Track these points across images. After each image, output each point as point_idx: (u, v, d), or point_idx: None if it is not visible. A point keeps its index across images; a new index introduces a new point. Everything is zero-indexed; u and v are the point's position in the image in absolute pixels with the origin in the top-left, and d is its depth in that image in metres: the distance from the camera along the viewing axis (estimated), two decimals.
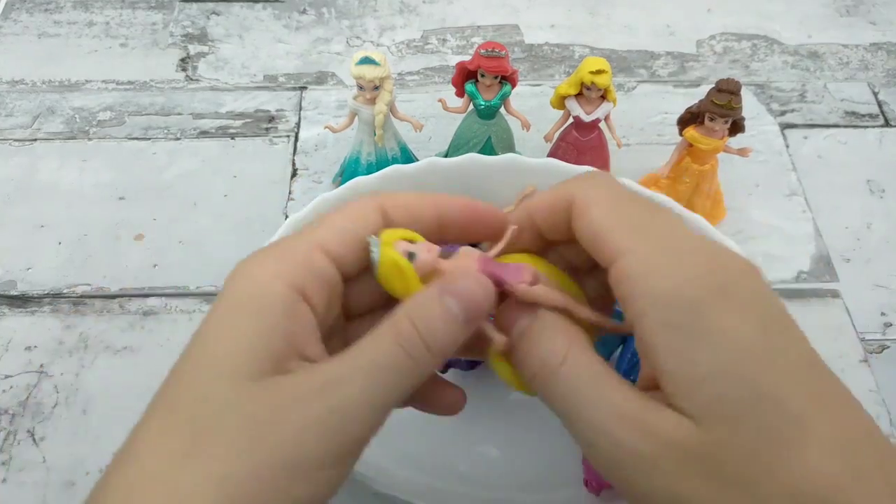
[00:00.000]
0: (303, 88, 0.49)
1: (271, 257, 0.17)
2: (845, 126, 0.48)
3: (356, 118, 0.39)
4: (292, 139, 0.46)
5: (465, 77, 0.38)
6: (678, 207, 0.35)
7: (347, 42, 0.52)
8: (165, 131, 0.46)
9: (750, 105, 0.47)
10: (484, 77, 0.37)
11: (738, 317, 0.16)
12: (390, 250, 0.18)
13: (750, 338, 0.16)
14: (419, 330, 0.16)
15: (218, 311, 0.17)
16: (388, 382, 0.16)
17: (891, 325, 0.39)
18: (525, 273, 0.19)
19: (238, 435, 0.15)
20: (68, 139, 0.46)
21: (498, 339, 0.18)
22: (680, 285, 0.16)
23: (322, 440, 0.15)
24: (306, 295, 0.17)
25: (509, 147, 0.41)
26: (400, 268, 0.18)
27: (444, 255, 0.19)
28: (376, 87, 0.37)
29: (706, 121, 0.37)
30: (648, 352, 0.16)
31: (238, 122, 0.47)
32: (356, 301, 0.20)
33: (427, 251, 0.18)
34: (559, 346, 0.17)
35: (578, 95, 0.38)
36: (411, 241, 0.19)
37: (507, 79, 0.38)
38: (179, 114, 0.47)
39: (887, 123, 0.48)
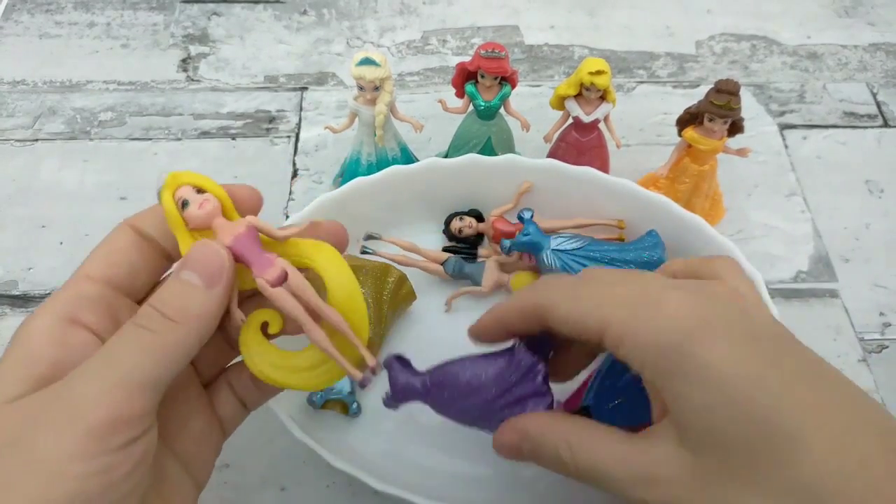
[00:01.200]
0: (303, 89, 0.49)
1: (46, 302, 0.19)
2: (844, 126, 0.48)
3: (356, 119, 0.40)
4: (293, 140, 0.46)
5: (465, 78, 0.38)
6: (677, 208, 0.35)
7: (348, 43, 0.52)
8: (166, 132, 0.47)
9: (749, 106, 0.47)
10: (484, 78, 0.37)
11: (724, 347, 0.17)
12: (167, 194, 0.19)
13: (737, 365, 0.17)
14: (153, 303, 0.18)
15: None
16: (129, 363, 0.17)
17: (889, 324, 0.39)
18: (270, 269, 0.19)
19: None
20: (69, 139, 0.46)
21: (236, 316, 0.19)
22: (663, 330, 0.18)
23: (67, 435, 0.16)
24: (79, 319, 0.18)
25: (509, 147, 0.41)
26: (169, 214, 0.19)
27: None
28: (376, 88, 0.37)
29: (705, 121, 0.37)
30: (656, 396, 0.19)
31: (239, 123, 0.47)
32: None
33: (202, 205, 0.19)
34: (563, 453, 0.20)
35: (578, 96, 0.38)
36: (199, 190, 0.19)
37: (507, 79, 0.38)
38: (180, 114, 0.48)
39: (886, 124, 0.48)
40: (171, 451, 0.20)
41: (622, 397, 0.25)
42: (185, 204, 0.19)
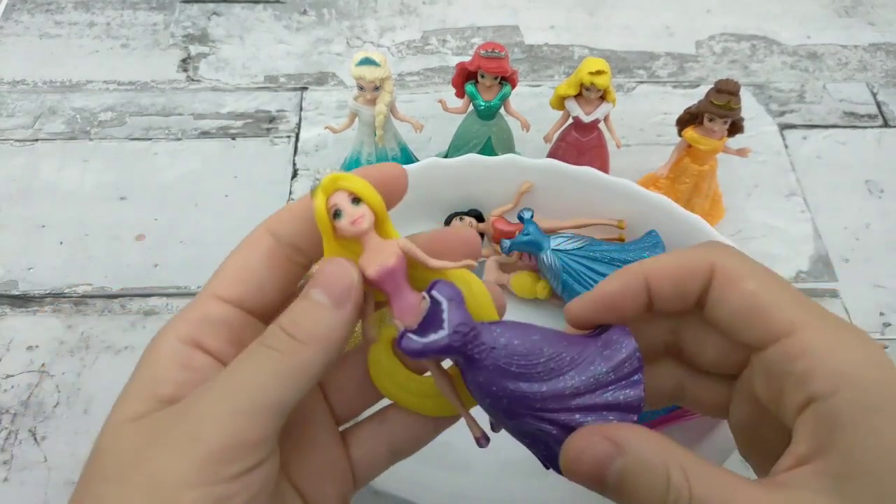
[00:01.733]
0: (303, 89, 0.49)
1: (174, 320, 0.18)
2: (844, 126, 0.48)
3: (356, 119, 0.40)
4: (293, 139, 0.46)
5: (465, 78, 0.38)
6: (677, 208, 0.35)
7: (348, 43, 0.52)
8: (166, 132, 0.47)
9: (749, 105, 0.47)
10: (484, 78, 0.37)
11: None
12: (321, 199, 0.18)
13: None
14: (280, 323, 0.17)
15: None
16: (252, 384, 0.16)
17: (889, 324, 0.39)
18: (412, 315, 0.17)
19: (111, 472, 0.15)
20: (69, 139, 0.46)
21: (370, 333, 0.19)
22: (868, 364, 0.16)
23: (186, 458, 0.15)
24: (201, 344, 0.18)
25: (509, 147, 0.41)
26: (320, 219, 0.18)
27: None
28: (376, 88, 0.37)
29: (705, 121, 0.37)
30: (833, 429, 0.15)
31: (239, 123, 0.47)
32: None
33: (356, 222, 0.17)
34: (675, 480, 0.16)
35: (578, 96, 0.38)
36: (356, 199, 0.18)
37: (507, 79, 0.38)
38: (180, 114, 0.47)
39: (886, 124, 0.48)
40: (291, 483, 0.19)
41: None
42: (337, 214, 0.17)
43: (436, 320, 0.17)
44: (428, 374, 0.20)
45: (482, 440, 0.19)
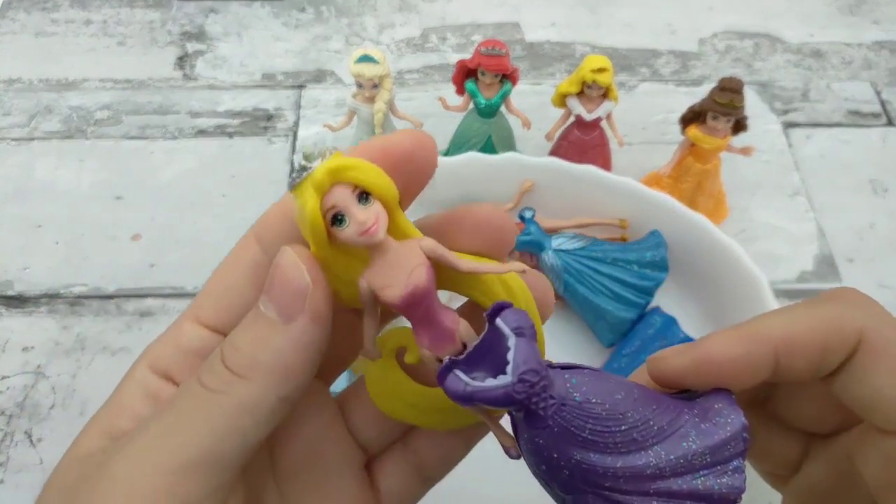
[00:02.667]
0: (301, 87, 0.49)
1: (153, 344, 0.16)
2: (848, 125, 0.47)
3: (355, 117, 0.39)
4: (291, 138, 0.46)
5: (466, 75, 0.38)
6: (681, 207, 0.34)
7: (346, 40, 0.52)
8: (163, 130, 0.46)
9: (752, 104, 0.47)
10: (484, 75, 0.37)
11: None
12: (314, 198, 0.13)
13: None
14: (222, 352, 0.14)
15: None
16: (178, 437, 0.13)
17: None
18: (449, 345, 0.13)
19: None
20: (65, 138, 0.46)
21: (371, 352, 0.14)
22: None
23: None
24: (173, 375, 0.15)
25: (510, 146, 0.41)
26: (311, 227, 0.13)
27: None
28: (375, 86, 0.37)
29: (709, 120, 0.37)
30: None
31: (236, 121, 0.47)
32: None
33: (369, 230, 0.13)
34: None
35: (580, 94, 0.38)
36: (365, 193, 0.13)
37: (508, 77, 0.38)
38: (177, 113, 0.47)
39: (890, 122, 0.47)
40: None
41: None
42: (338, 220, 0.13)
43: (493, 357, 0.13)
44: None
45: (513, 450, 0.15)
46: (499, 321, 0.13)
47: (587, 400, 0.13)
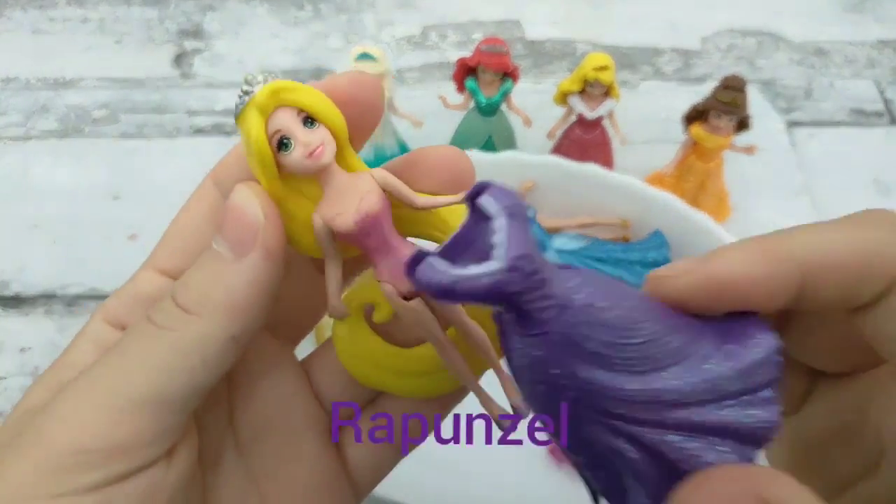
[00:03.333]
0: None
1: (109, 298, 0.15)
2: (852, 124, 0.47)
3: None
4: None
5: (466, 73, 0.38)
6: (683, 205, 0.34)
7: (345, 38, 0.51)
8: (160, 129, 0.46)
9: (755, 102, 0.47)
10: (485, 73, 0.37)
11: None
12: (259, 120, 0.12)
13: None
14: (174, 290, 0.13)
15: None
16: (123, 373, 0.13)
17: None
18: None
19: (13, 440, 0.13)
20: (62, 137, 0.45)
21: (337, 308, 0.13)
22: None
23: (26, 464, 0.12)
24: (124, 324, 0.15)
25: (510, 144, 0.40)
26: (257, 152, 0.12)
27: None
28: None
29: (711, 118, 0.36)
30: None
31: (234, 120, 0.46)
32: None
33: (315, 152, 0.12)
34: None
35: (581, 92, 0.38)
36: (309, 118, 0.13)
37: (509, 75, 0.37)
38: (175, 111, 0.47)
39: (894, 121, 0.47)
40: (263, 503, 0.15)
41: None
42: (283, 144, 0.12)
43: (478, 243, 0.11)
44: (418, 346, 0.15)
45: (506, 419, 0.13)
46: (484, 198, 0.11)
47: (592, 302, 0.11)
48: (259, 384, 0.16)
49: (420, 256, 0.11)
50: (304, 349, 0.17)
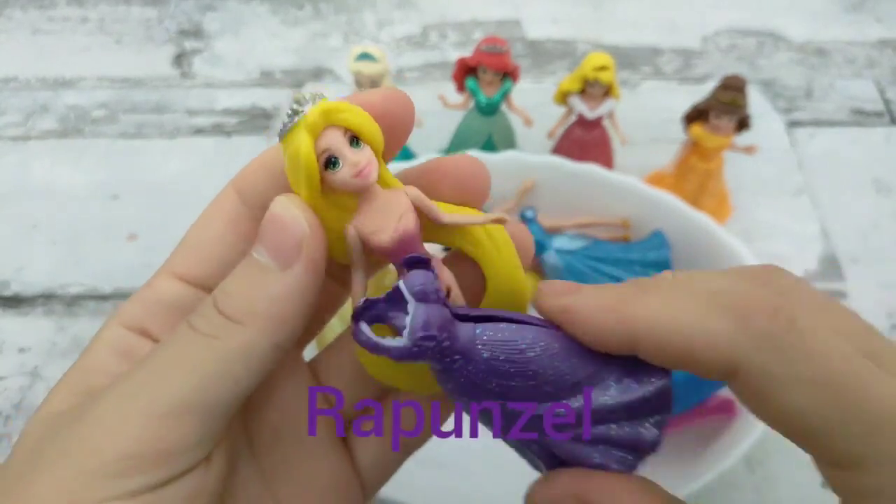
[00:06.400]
0: (300, 85, 0.48)
1: (125, 303, 0.15)
2: (852, 124, 0.47)
3: None
4: None
5: (466, 72, 0.38)
6: (683, 206, 0.34)
7: (345, 37, 0.51)
8: (160, 129, 0.46)
9: (756, 102, 0.47)
10: (485, 73, 0.37)
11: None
12: (307, 139, 0.13)
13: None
14: (215, 298, 0.13)
15: None
16: (168, 380, 0.13)
17: None
18: (428, 279, 0.13)
19: (10, 472, 0.13)
20: (62, 137, 0.45)
21: (357, 291, 0.14)
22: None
23: (71, 470, 0.12)
24: (148, 330, 0.15)
25: (511, 144, 0.40)
26: (306, 170, 0.13)
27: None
28: (374, 84, 0.36)
29: (712, 118, 0.36)
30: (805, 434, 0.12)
31: (234, 120, 0.46)
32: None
33: (362, 171, 0.13)
34: None
35: (582, 92, 0.38)
36: (355, 137, 0.13)
37: (509, 75, 0.37)
38: (174, 111, 0.47)
39: (894, 121, 0.47)
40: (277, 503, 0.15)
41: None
42: (331, 162, 0.13)
43: (399, 313, 0.13)
44: None
45: None
46: (401, 284, 0.13)
47: (494, 357, 0.13)
48: (271, 389, 0.16)
49: (360, 313, 0.13)
50: (306, 354, 0.17)
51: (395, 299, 0.13)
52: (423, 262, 0.13)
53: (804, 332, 0.12)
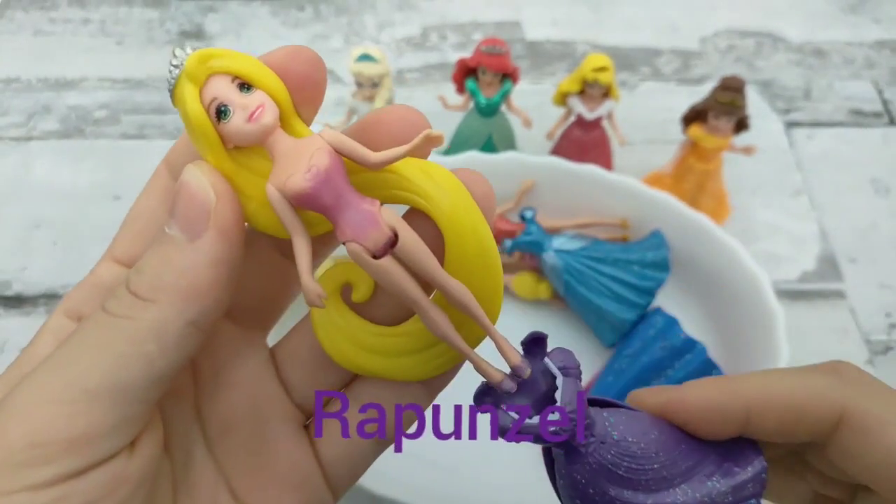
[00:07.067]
0: None
1: (70, 291, 0.15)
2: (850, 125, 0.47)
3: (354, 116, 0.39)
4: None
5: (466, 74, 0.38)
6: (682, 206, 0.34)
7: (346, 39, 0.51)
8: (161, 130, 0.46)
9: (754, 103, 0.47)
10: (485, 74, 0.37)
11: None
12: (192, 91, 0.12)
13: None
14: (128, 278, 0.13)
15: None
16: (76, 362, 0.12)
17: None
18: (373, 230, 0.12)
19: None
20: (63, 138, 0.45)
21: (311, 290, 0.12)
22: None
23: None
24: (82, 317, 0.14)
25: (510, 145, 0.40)
26: (196, 126, 0.12)
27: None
28: (375, 85, 0.37)
29: (710, 119, 0.36)
30: None
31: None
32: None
33: (255, 114, 0.12)
34: None
35: (581, 93, 0.38)
36: (245, 84, 0.12)
37: (509, 76, 0.37)
38: (175, 112, 0.47)
39: (892, 122, 0.47)
40: (235, 499, 0.15)
41: None
42: (222, 112, 0.12)
43: (535, 391, 0.13)
44: (404, 323, 0.14)
45: (506, 381, 0.13)
46: (547, 361, 0.13)
47: (624, 438, 0.14)
48: (223, 375, 0.15)
49: (488, 397, 0.13)
50: (272, 339, 0.16)
51: (526, 383, 0.13)
52: (541, 340, 0.13)
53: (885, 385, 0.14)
